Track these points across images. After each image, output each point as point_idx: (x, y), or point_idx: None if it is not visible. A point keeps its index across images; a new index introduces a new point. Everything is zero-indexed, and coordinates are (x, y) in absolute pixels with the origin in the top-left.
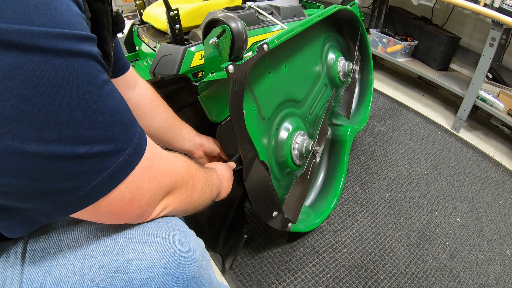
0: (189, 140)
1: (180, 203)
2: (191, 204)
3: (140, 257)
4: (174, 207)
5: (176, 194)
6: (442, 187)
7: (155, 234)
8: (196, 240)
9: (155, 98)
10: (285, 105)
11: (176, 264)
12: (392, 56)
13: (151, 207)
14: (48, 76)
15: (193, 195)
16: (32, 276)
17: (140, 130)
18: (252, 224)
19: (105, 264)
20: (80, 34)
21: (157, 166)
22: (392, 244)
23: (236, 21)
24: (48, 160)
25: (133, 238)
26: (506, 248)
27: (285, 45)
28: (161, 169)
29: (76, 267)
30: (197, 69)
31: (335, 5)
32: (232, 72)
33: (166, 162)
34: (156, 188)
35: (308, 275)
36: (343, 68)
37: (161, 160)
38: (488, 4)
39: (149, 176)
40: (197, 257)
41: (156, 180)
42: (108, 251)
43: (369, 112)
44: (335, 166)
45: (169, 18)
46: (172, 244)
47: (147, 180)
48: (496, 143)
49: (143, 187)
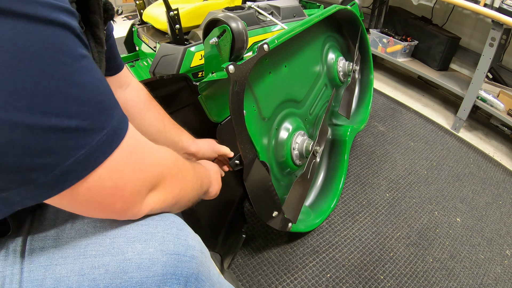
0: (182, 148)
1: (173, 196)
2: (184, 196)
3: (140, 256)
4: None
5: (167, 186)
6: (442, 187)
7: (154, 233)
8: (195, 237)
9: (146, 101)
10: (285, 105)
11: (175, 262)
12: (392, 56)
13: (137, 200)
14: (20, 42)
15: (186, 187)
16: (32, 275)
17: (121, 115)
18: (252, 224)
19: (104, 264)
20: (57, 4)
21: (140, 153)
22: (392, 244)
23: (236, 21)
24: (16, 130)
25: (131, 237)
26: (506, 248)
27: (285, 45)
28: (145, 157)
29: (76, 266)
30: (197, 69)
31: (335, 5)
32: (233, 72)
33: (151, 152)
34: (141, 177)
35: (308, 275)
36: (343, 68)
37: (145, 149)
38: (488, 4)
39: (132, 163)
40: (196, 253)
41: (140, 169)
42: (107, 251)
43: (369, 112)
44: (335, 166)
45: (169, 18)
46: (171, 242)
47: (129, 168)
48: (496, 143)
49: (126, 175)
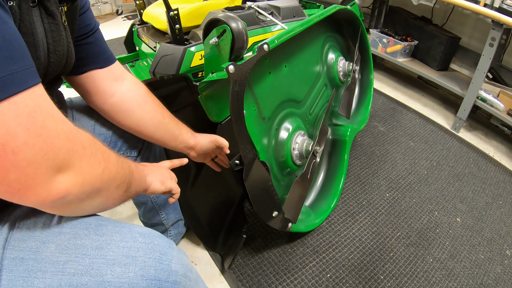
0: (182, 142)
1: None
2: (111, 180)
3: (119, 280)
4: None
5: (83, 167)
6: (442, 187)
7: (135, 256)
8: (179, 260)
9: (145, 95)
10: (285, 105)
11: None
12: (392, 56)
13: (40, 176)
14: None
15: (110, 168)
16: (11, 284)
17: (27, 71)
18: (252, 224)
19: (83, 283)
20: None
21: (42, 120)
22: (392, 244)
23: (236, 21)
24: None
25: (111, 259)
26: (506, 248)
27: (285, 45)
28: (50, 126)
29: (54, 282)
30: (197, 69)
31: (335, 5)
32: (233, 72)
33: (60, 124)
34: (40, 146)
35: (308, 275)
36: (343, 68)
37: (52, 118)
38: (488, 4)
39: (28, 125)
40: (179, 279)
41: (39, 135)
42: (86, 271)
43: (369, 112)
44: (335, 166)
45: (169, 18)
46: (152, 267)
47: (24, 128)
48: (496, 143)
49: (18, 136)
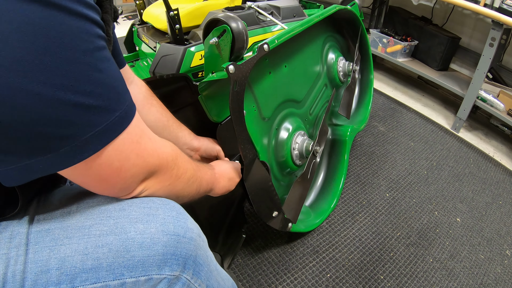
0: (185, 143)
1: (161, 188)
2: (173, 192)
3: (142, 236)
4: (154, 190)
5: (158, 178)
6: (442, 187)
7: (155, 214)
8: (193, 222)
9: (149, 97)
10: (285, 105)
11: (175, 242)
12: (392, 56)
13: (134, 184)
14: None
15: (175, 184)
16: (37, 256)
17: (130, 100)
18: (252, 224)
19: (108, 243)
20: (87, 1)
21: (144, 143)
22: (392, 244)
23: (236, 21)
24: (52, 103)
25: (134, 218)
26: (506, 248)
27: (285, 45)
28: (148, 147)
29: (80, 246)
30: (197, 69)
31: (335, 5)
32: (233, 72)
33: (154, 143)
34: (141, 164)
35: (308, 275)
36: (343, 68)
37: (149, 140)
38: (488, 4)
39: (137, 150)
40: (195, 236)
41: (142, 156)
42: (110, 231)
43: (369, 112)
44: (335, 166)
45: (169, 18)
46: (171, 223)
47: (134, 154)
48: (496, 143)
49: (131, 159)
